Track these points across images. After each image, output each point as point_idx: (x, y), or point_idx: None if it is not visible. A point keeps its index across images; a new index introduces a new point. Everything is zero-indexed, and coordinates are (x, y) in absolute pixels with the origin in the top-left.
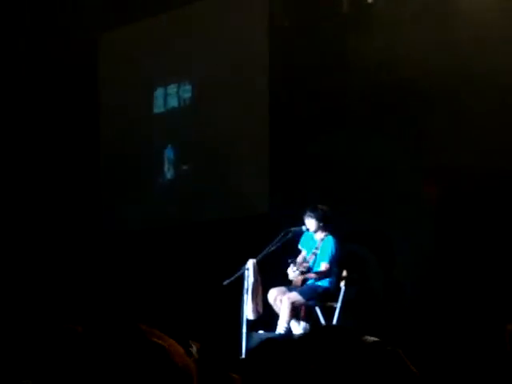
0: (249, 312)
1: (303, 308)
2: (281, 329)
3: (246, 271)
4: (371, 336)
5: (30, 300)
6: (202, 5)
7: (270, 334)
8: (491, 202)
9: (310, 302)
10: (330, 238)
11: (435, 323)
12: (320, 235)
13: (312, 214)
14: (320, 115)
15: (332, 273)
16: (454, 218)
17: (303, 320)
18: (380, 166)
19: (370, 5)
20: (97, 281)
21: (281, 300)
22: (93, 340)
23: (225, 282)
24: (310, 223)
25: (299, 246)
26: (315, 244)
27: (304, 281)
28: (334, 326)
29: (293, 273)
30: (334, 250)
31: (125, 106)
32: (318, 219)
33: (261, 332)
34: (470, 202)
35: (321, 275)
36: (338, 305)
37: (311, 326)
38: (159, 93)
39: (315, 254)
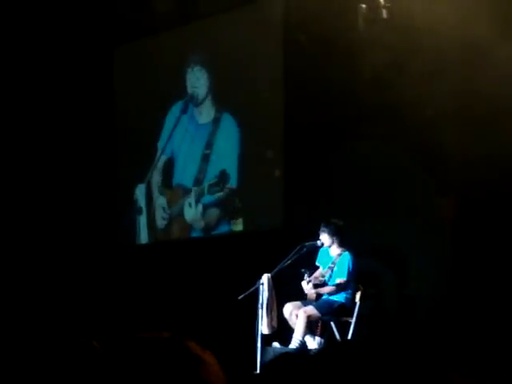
0: (264, 327)
1: (319, 323)
2: (295, 343)
3: (261, 286)
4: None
5: (41, 313)
6: (216, 19)
7: (284, 349)
8: (507, 216)
9: (326, 317)
10: (347, 253)
11: (449, 339)
12: (336, 251)
13: (325, 229)
14: (335, 129)
15: (348, 288)
16: (470, 234)
17: (318, 335)
18: (396, 180)
19: (385, 20)
20: (112, 294)
21: (296, 315)
22: (121, 351)
23: (240, 297)
24: (324, 238)
25: (316, 263)
26: (331, 259)
27: (319, 295)
28: (352, 340)
29: (307, 286)
30: (351, 266)
31: (140, 122)
32: (331, 234)
33: (275, 346)
34: (486, 217)
35: (336, 289)
36: (353, 320)
37: (327, 340)
38: (175, 108)
39: (331, 269)
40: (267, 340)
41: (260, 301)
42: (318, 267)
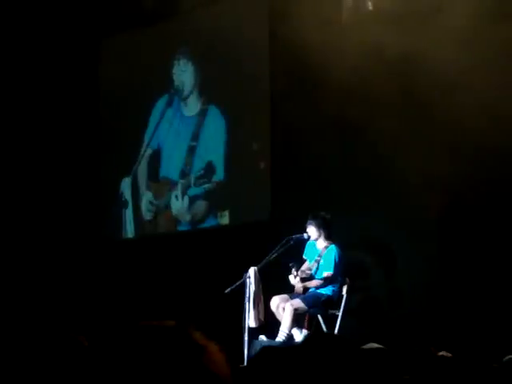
0: (251, 320)
1: (306, 316)
2: (282, 336)
3: (248, 279)
4: (375, 343)
5: (27, 307)
6: (202, 11)
7: (271, 342)
8: (494, 211)
9: (313, 310)
10: (334, 246)
11: (438, 332)
12: (323, 243)
13: (312, 222)
14: (322, 121)
15: (335, 281)
16: (457, 228)
17: (305, 328)
18: (384, 173)
19: (370, 12)
20: (99, 288)
21: (283, 308)
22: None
23: (226, 291)
24: (311, 230)
25: (303, 256)
26: (318, 252)
27: (306, 289)
28: (331, 334)
29: (294, 279)
30: (337, 259)
31: (125, 113)
32: (318, 226)
33: (262, 339)
34: (473, 211)
35: (323, 283)
36: (340, 313)
37: (310, 334)
38: (160, 101)
39: (318, 262)
40: (254, 333)
41: (247, 294)
42: (304, 260)
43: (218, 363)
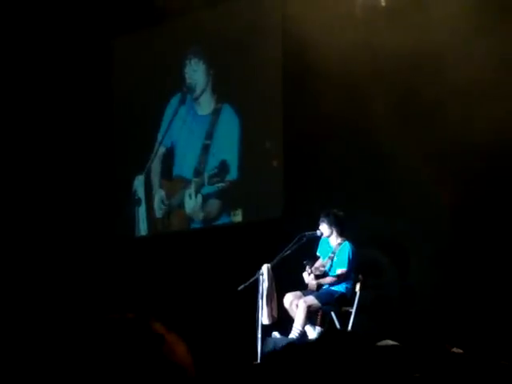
0: (264, 317)
1: (320, 313)
2: (295, 333)
3: (261, 276)
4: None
5: (39, 305)
6: (214, 10)
7: (284, 339)
8: (506, 208)
9: (326, 307)
10: (347, 243)
11: (450, 329)
12: (336, 241)
13: (324, 219)
14: (335, 119)
15: (349, 278)
16: (470, 226)
17: (318, 325)
18: (396, 170)
19: (384, 7)
20: (112, 286)
21: (297, 304)
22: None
23: (239, 288)
24: (323, 228)
25: (317, 253)
26: (331, 249)
27: (319, 285)
28: (345, 331)
29: (308, 276)
30: (351, 256)
31: (137, 113)
32: (330, 224)
33: (276, 336)
34: (486, 208)
35: (337, 280)
36: (354, 309)
37: (324, 331)
38: (173, 100)
39: (331, 259)
40: (267, 330)
41: (260, 291)
42: (318, 257)
43: (178, 353)
